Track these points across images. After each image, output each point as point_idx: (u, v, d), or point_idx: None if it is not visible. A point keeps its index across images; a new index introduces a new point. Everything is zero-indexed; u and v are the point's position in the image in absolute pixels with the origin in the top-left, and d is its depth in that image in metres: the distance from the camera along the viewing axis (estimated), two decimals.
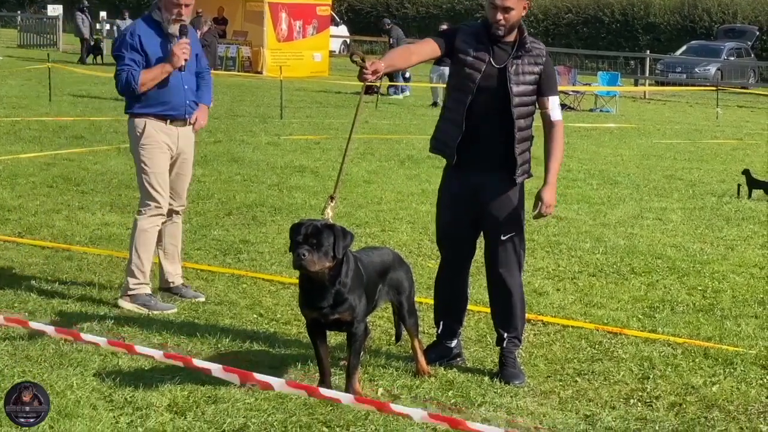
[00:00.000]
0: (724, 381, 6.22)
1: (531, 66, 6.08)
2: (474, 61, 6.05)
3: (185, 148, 7.53)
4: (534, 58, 6.09)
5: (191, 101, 7.47)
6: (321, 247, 5.40)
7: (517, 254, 6.22)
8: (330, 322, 5.63)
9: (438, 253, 9.35)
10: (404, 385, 5.90)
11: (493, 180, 6.13)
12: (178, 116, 7.40)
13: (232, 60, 34.57)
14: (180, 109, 7.39)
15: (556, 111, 6.18)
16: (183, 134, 7.48)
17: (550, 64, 6.19)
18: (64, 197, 11.24)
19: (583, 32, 49.44)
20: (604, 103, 28.80)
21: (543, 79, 6.12)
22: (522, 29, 6.11)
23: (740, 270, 9.14)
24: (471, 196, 6.15)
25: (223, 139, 17.07)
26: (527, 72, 6.08)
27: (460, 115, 6.06)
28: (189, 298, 7.51)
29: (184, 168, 7.59)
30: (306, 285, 5.61)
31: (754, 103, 32.28)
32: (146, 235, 7.37)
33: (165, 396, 5.50)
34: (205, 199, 11.53)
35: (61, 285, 7.76)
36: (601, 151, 18.24)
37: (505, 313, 6.24)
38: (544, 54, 6.14)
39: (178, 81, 7.35)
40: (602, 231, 10.67)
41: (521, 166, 6.13)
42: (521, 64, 6.06)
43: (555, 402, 5.80)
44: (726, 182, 14.50)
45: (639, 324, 7.38)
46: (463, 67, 6.07)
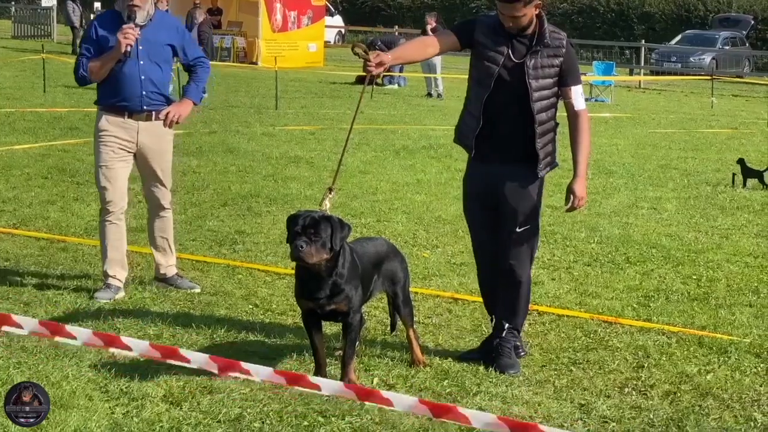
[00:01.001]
0: (719, 369, 6.24)
1: (551, 59, 6.02)
2: (493, 55, 6.00)
3: (150, 144, 7.25)
4: (554, 50, 6.01)
5: (151, 92, 7.16)
6: (319, 238, 5.41)
7: (531, 247, 6.20)
8: (326, 313, 5.64)
9: (435, 243, 9.39)
10: (399, 375, 5.91)
11: (513, 172, 6.10)
12: (134, 109, 7.15)
13: (227, 51, 34.52)
14: (134, 100, 7.13)
15: (579, 100, 6.13)
16: (144, 129, 7.20)
17: (571, 53, 6.11)
18: (59, 188, 11.24)
19: (578, 22, 49.40)
20: (600, 92, 28.82)
21: (564, 69, 6.05)
22: (542, 20, 6.02)
23: (735, 259, 9.16)
24: (491, 188, 6.13)
25: (218, 129, 17.06)
26: (546, 65, 6.01)
27: (478, 109, 6.05)
28: (184, 289, 7.47)
29: (155, 162, 7.32)
30: (303, 276, 5.61)
31: (749, 93, 32.30)
32: (101, 229, 7.35)
33: (160, 386, 5.51)
34: (200, 189, 11.53)
35: (57, 276, 7.76)
36: (596, 140, 18.22)
37: (510, 304, 6.23)
38: (564, 45, 6.05)
39: (133, 71, 7.12)
40: (597, 220, 10.68)
41: (543, 159, 6.11)
42: (540, 57, 6.00)
43: (550, 391, 5.81)
44: (721, 171, 14.52)
45: (634, 313, 7.39)
46: (483, 61, 6.03)
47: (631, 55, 39.49)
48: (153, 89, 7.17)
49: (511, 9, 5.90)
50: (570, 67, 6.10)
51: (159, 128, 7.25)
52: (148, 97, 7.15)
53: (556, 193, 12.30)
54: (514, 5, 5.89)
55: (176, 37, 7.31)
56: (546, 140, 6.11)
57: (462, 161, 14.89)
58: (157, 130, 7.25)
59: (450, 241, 9.48)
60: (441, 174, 13.43)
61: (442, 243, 9.38)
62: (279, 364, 6.00)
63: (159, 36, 7.20)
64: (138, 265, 8.14)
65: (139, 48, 7.11)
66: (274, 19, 35.29)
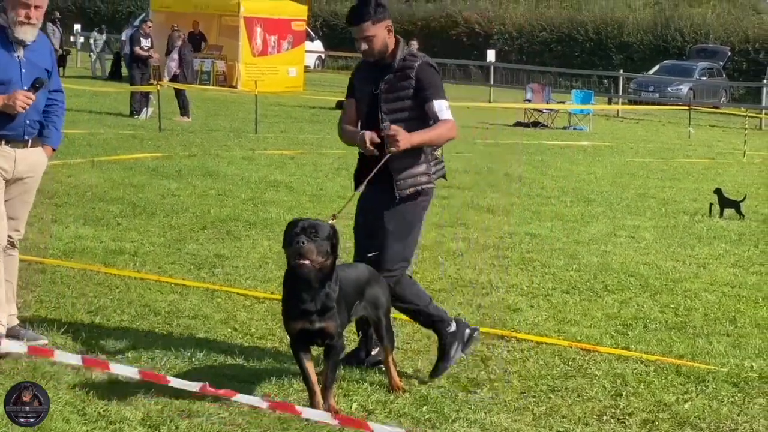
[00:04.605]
0: (696, 398, 6.26)
1: (402, 82, 6.18)
2: (362, 96, 6.30)
3: (28, 173, 6.54)
4: (406, 71, 6.17)
5: (33, 121, 6.47)
6: (318, 238, 5.44)
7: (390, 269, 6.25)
8: (315, 331, 5.60)
9: (414, 269, 9.38)
10: (378, 401, 5.90)
11: (375, 197, 6.27)
12: (16, 137, 6.42)
13: (206, 74, 34.53)
14: (18, 129, 6.40)
15: (443, 112, 6.18)
16: (23, 157, 6.47)
17: (425, 72, 6.19)
18: (37, 210, 11.15)
19: (557, 50, 49.73)
20: (578, 121, 28.95)
21: (419, 88, 6.17)
22: (397, 45, 6.24)
23: (712, 288, 9.20)
24: (365, 213, 6.39)
25: (197, 153, 17.05)
26: (399, 89, 6.18)
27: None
28: (31, 342, 6.40)
29: (25, 194, 6.61)
30: (294, 287, 5.57)
31: (726, 123, 32.52)
32: None
33: (139, 410, 5.48)
34: (179, 213, 11.51)
35: (34, 298, 7.72)
36: (574, 168, 18.33)
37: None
38: (415, 65, 6.18)
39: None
40: (576, 248, 10.72)
41: (399, 181, 6.18)
42: (393, 80, 6.19)
43: (529, 418, 5.82)
44: (698, 201, 14.60)
45: (612, 341, 7.41)
46: (359, 102, 6.33)
47: (610, 85, 39.73)
48: (36, 117, 6.50)
49: (360, 30, 6.12)
50: (425, 84, 6.17)
51: (37, 156, 6.59)
52: (31, 126, 6.48)
53: (534, 220, 12.36)
54: (361, 26, 6.11)
55: (50, 61, 6.62)
56: (404, 164, 6.16)
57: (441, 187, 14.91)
58: (35, 158, 6.58)
59: (429, 267, 9.49)
60: None
61: (421, 269, 9.38)
62: (258, 388, 5.98)
63: (40, 59, 6.50)
64: (117, 287, 8.11)
65: (22, 71, 6.37)
66: (255, 43, 35.36)
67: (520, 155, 20.04)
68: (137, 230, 10.45)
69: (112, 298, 7.81)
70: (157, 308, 7.61)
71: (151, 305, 7.68)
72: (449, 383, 6.30)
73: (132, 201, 12.09)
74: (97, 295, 7.90)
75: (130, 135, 19.70)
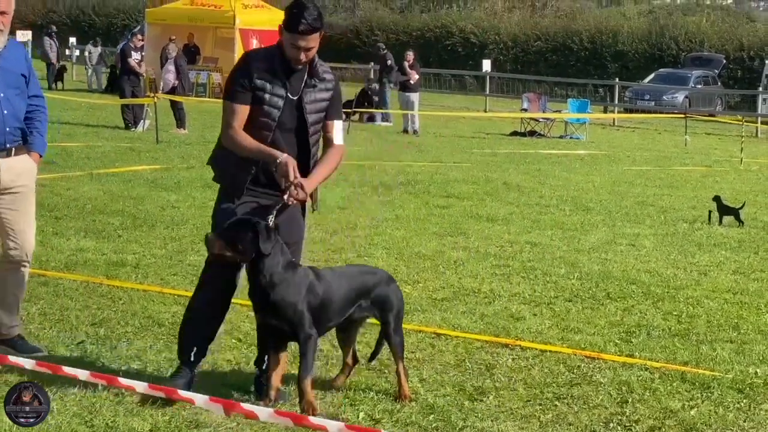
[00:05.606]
0: (702, 405, 6.26)
1: (322, 93, 5.96)
2: (272, 98, 5.83)
3: (15, 182, 6.41)
4: (326, 83, 5.97)
5: (13, 128, 6.32)
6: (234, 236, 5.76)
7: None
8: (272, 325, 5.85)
9: (416, 278, 9.39)
10: (385, 410, 5.90)
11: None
12: None
13: (203, 86, 34.55)
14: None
15: (339, 135, 6.05)
16: (8, 166, 6.34)
17: (339, 87, 6.08)
18: (38, 223, 11.06)
19: (552, 60, 49.77)
20: (574, 130, 29.00)
21: (331, 104, 6.00)
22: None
23: (713, 295, 9.21)
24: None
25: (195, 164, 17.04)
26: (320, 99, 5.95)
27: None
28: (27, 353, 6.35)
29: (17, 204, 6.48)
30: None
31: (722, 131, 32.59)
32: None
33: (146, 421, 5.48)
34: (179, 224, 11.51)
35: (38, 310, 7.71)
36: (572, 177, 18.35)
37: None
38: (334, 79, 6.03)
39: None
40: (576, 257, 10.73)
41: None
42: (314, 91, 5.94)
43: (535, 426, 5.82)
44: (697, 209, 14.62)
45: (616, 348, 7.42)
46: (262, 105, 5.83)
47: (605, 93, 39.79)
48: (17, 124, 6.36)
49: (309, 40, 5.76)
50: (336, 101, 6.06)
51: (22, 164, 6.45)
52: (11, 133, 6.33)
53: (534, 229, 12.38)
54: (311, 37, 5.76)
55: (26, 67, 6.44)
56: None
57: (440, 197, 14.93)
58: (20, 165, 6.44)
59: (431, 276, 9.50)
60: (419, 210, 13.47)
61: (423, 278, 9.40)
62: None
63: (14, 65, 6.33)
64: (120, 299, 8.11)
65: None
66: None
67: (518, 165, 20.07)
68: (138, 242, 10.45)
69: (116, 309, 7.81)
70: (160, 319, 7.61)
71: (154, 317, 7.68)
72: (455, 392, 6.30)
73: (132, 213, 12.09)
74: (101, 307, 7.90)
75: (128, 147, 19.71)
